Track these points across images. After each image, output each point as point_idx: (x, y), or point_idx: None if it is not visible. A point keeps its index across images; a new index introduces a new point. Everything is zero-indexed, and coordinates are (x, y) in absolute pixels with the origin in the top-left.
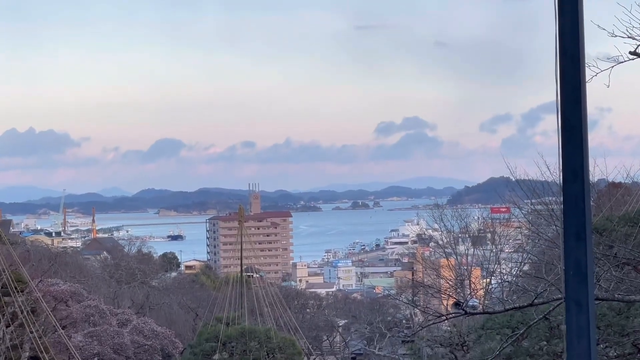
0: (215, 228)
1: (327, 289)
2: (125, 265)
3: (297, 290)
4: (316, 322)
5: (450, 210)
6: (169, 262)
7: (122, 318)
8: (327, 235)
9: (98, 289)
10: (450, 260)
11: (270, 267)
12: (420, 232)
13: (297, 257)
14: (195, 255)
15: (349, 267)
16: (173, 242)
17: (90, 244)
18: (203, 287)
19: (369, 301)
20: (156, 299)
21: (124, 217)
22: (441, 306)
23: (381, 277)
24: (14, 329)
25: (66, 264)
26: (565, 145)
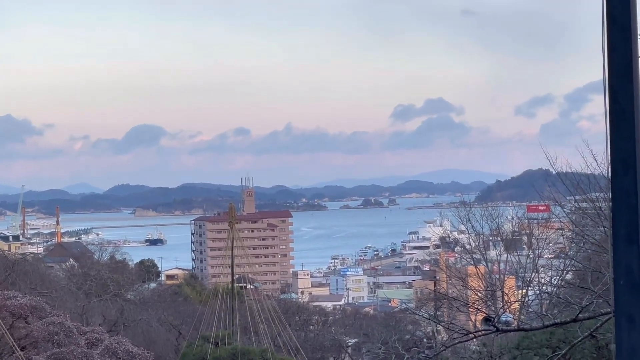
0: (201, 231)
1: (334, 302)
2: (95, 275)
3: (299, 304)
4: (321, 341)
5: (479, 208)
6: (147, 271)
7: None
8: (333, 238)
9: (63, 303)
10: (479, 268)
11: (267, 277)
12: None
13: (298, 264)
14: (177, 262)
15: (360, 277)
16: (152, 247)
17: (54, 249)
18: (187, 301)
19: (383, 316)
20: (132, 315)
21: (94, 217)
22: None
23: (398, 288)
24: None
25: (25, 273)
26: (615, 132)
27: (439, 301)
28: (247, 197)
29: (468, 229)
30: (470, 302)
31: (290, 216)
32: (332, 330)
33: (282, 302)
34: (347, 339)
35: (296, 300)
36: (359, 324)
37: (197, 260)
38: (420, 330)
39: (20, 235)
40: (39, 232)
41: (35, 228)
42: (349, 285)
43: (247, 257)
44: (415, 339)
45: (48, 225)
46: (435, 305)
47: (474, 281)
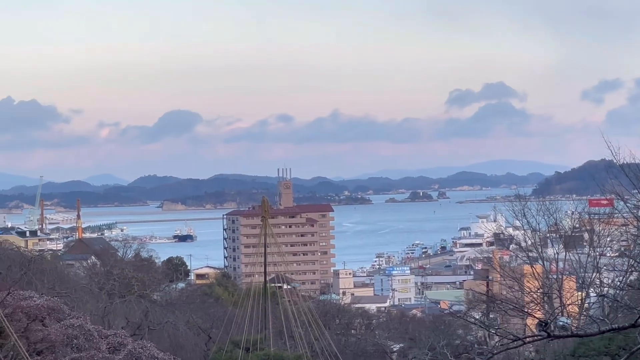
0: (234, 226)
1: (378, 303)
2: (118, 274)
3: (340, 306)
4: (363, 346)
5: (536, 202)
6: (175, 270)
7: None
8: (378, 234)
9: (84, 304)
10: (535, 267)
11: (305, 276)
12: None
13: (339, 263)
14: (208, 260)
15: (407, 276)
16: (180, 244)
17: (75, 246)
18: (218, 302)
19: (431, 319)
20: (158, 317)
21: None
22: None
23: (447, 289)
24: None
25: (43, 271)
26: None
27: (491, 303)
28: (284, 189)
29: (524, 225)
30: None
31: (331, 210)
32: (375, 335)
33: (321, 303)
34: (392, 344)
35: (337, 301)
36: (404, 328)
37: (229, 258)
38: (471, 334)
39: (38, 230)
40: (59, 227)
41: (54, 222)
42: (395, 286)
43: (283, 254)
44: (465, 344)
45: (68, 219)
46: (487, 308)
47: (529, 281)
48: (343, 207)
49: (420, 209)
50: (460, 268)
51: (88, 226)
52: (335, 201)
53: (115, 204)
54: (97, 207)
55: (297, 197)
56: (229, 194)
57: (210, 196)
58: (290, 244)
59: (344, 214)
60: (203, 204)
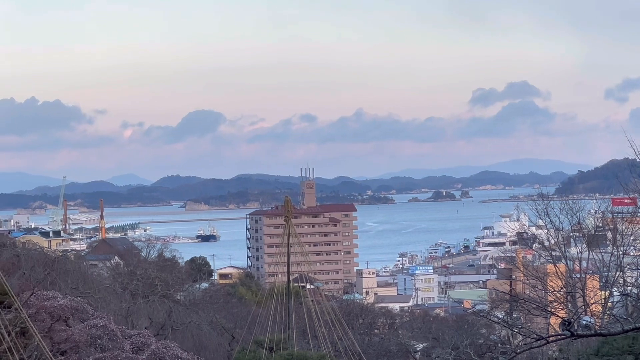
0: (257, 226)
1: (401, 303)
2: (142, 274)
3: (363, 305)
4: (387, 346)
5: (559, 201)
6: (199, 270)
7: (137, 341)
8: (401, 234)
9: (107, 304)
10: (559, 266)
11: (328, 276)
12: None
13: (362, 262)
14: (231, 260)
15: (430, 276)
16: (204, 243)
17: (98, 246)
18: (241, 302)
19: (454, 319)
20: (181, 317)
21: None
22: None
23: (471, 288)
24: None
25: (66, 271)
26: None
27: (515, 303)
28: (307, 189)
29: (547, 224)
30: (549, 303)
31: (354, 210)
32: (399, 334)
33: (344, 303)
34: (415, 343)
35: (360, 301)
36: (428, 328)
37: (252, 258)
38: (494, 334)
39: (62, 230)
40: (82, 227)
41: (77, 223)
42: (418, 285)
43: (306, 254)
44: (489, 343)
45: (91, 219)
46: (511, 307)
47: (553, 281)
48: (366, 206)
49: (443, 209)
50: (484, 267)
51: (111, 226)
52: (358, 201)
53: (138, 204)
54: (120, 207)
55: (320, 197)
56: (251, 193)
57: (233, 196)
58: (313, 244)
59: (367, 214)
60: (226, 204)
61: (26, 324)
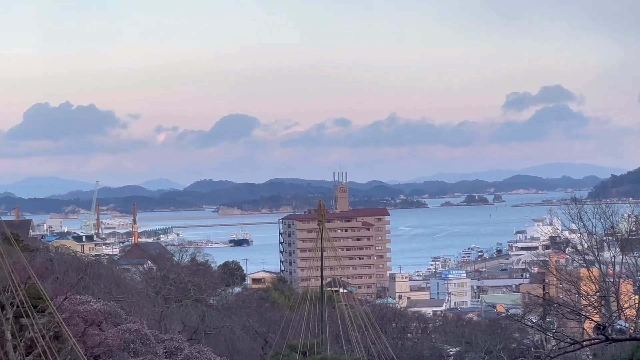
0: (290, 230)
1: (434, 307)
2: (175, 279)
3: (396, 310)
4: (420, 350)
5: (593, 205)
6: (231, 275)
7: (170, 345)
8: (434, 238)
9: (140, 309)
10: (592, 270)
11: (361, 280)
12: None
13: (395, 266)
14: (264, 265)
15: (463, 280)
16: (236, 248)
17: (131, 250)
18: (274, 306)
19: (487, 323)
20: (214, 322)
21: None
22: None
23: (504, 292)
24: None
25: (99, 276)
26: None
27: (548, 307)
28: (340, 193)
29: (580, 228)
30: (582, 308)
31: (387, 214)
32: (432, 339)
33: (377, 307)
34: (448, 347)
35: (393, 305)
36: (461, 332)
37: (285, 262)
38: (527, 338)
39: (95, 235)
40: (115, 231)
41: (110, 227)
42: (451, 290)
43: (339, 258)
44: (522, 347)
45: (124, 224)
46: (544, 312)
47: (586, 285)
48: (399, 210)
49: (476, 213)
50: (516, 271)
51: (144, 231)
52: (390, 205)
53: (171, 208)
54: (153, 211)
55: (353, 201)
56: (284, 198)
57: (266, 200)
58: (346, 248)
59: (400, 218)
60: (259, 208)
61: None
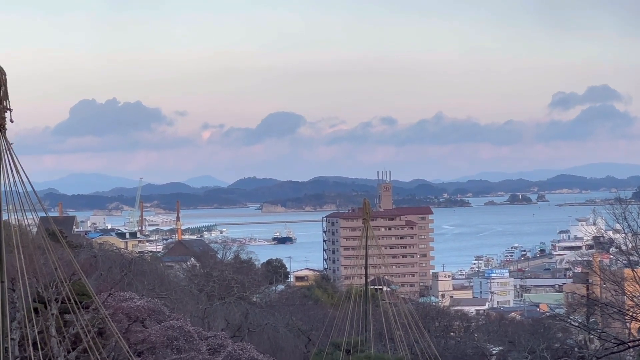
0: (334, 228)
1: (477, 306)
2: (218, 276)
3: (439, 308)
4: (463, 349)
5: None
6: (275, 272)
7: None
8: (477, 237)
9: (184, 306)
10: (636, 270)
11: (404, 279)
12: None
13: (439, 265)
14: (308, 263)
15: (506, 279)
16: (280, 246)
17: (174, 247)
18: (318, 304)
19: (530, 323)
20: (257, 319)
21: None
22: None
23: (547, 292)
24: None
25: (143, 273)
26: None
27: (591, 307)
28: (383, 191)
29: (624, 228)
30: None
31: (430, 213)
32: (474, 337)
33: (420, 306)
34: (491, 347)
35: (436, 304)
36: (504, 331)
37: (329, 260)
38: (571, 338)
39: (138, 232)
40: (158, 228)
41: (154, 224)
42: (494, 289)
43: (383, 257)
44: (565, 347)
45: (168, 221)
46: (588, 312)
47: (630, 285)
48: (442, 209)
49: (519, 212)
50: (560, 271)
51: (187, 228)
52: (434, 204)
53: (214, 205)
54: (196, 209)
55: (397, 200)
56: (328, 196)
57: (309, 198)
58: (390, 246)
59: (443, 217)
60: (302, 206)
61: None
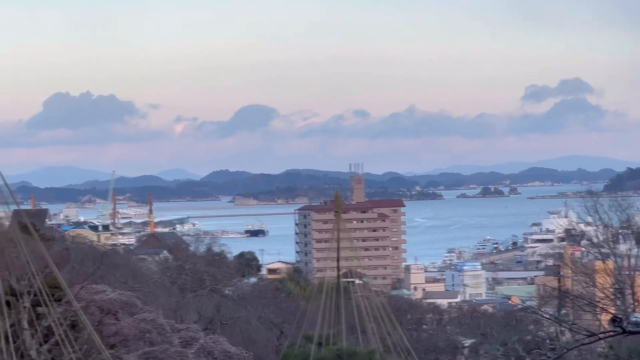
0: (306, 221)
1: (449, 299)
2: (190, 269)
3: (411, 301)
4: (435, 341)
5: (608, 198)
6: (247, 265)
7: (186, 335)
8: (449, 230)
9: (156, 299)
10: (607, 263)
11: (376, 271)
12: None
13: (411, 258)
14: (280, 255)
15: (478, 272)
16: (252, 238)
17: (147, 240)
18: (290, 297)
19: (502, 315)
20: (230, 312)
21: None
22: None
23: (519, 285)
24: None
25: (115, 265)
26: None
27: (563, 299)
28: (356, 184)
29: (595, 221)
30: (598, 300)
31: (402, 205)
32: (447, 330)
33: (393, 298)
34: (463, 339)
35: (408, 296)
36: (476, 324)
37: (301, 253)
38: (542, 330)
39: (111, 225)
40: (131, 221)
41: (126, 217)
42: (466, 281)
43: (355, 249)
44: (537, 340)
45: (140, 214)
46: (559, 304)
47: (601, 277)
48: (414, 202)
49: (492, 205)
50: (532, 264)
51: (160, 221)
52: (406, 196)
53: (187, 198)
54: (169, 201)
55: (369, 193)
56: (300, 189)
57: (282, 191)
58: (362, 239)
59: (416, 209)
60: (275, 199)
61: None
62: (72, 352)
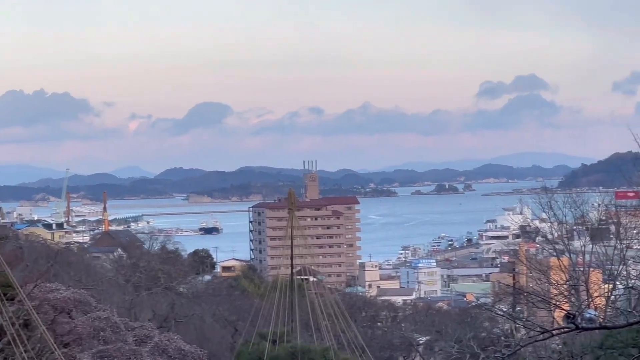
0: (260, 218)
1: (404, 296)
2: (145, 266)
3: (366, 298)
4: (390, 339)
5: (563, 195)
6: (201, 263)
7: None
8: (404, 227)
9: (110, 297)
10: (562, 259)
11: (331, 269)
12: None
13: (365, 255)
14: (234, 253)
15: (433, 269)
16: (206, 236)
17: (101, 238)
18: (244, 294)
19: (457, 312)
20: (184, 310)
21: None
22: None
23: (474, 282)
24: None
25: (69, 263)
26: None
27: (517, 296)
28: (310, 181)
29: (550, 217)
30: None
31: (357, 202)
32: (401, 327)
33: (347, 296)
34: (418, 336)
35: (363, 294)
36: (431, 321)
37: (255, 250)
38: (497, 327)
39: (65, 223)
40: (85, 219)
41: (80, 215)
42: (421, 278)
43: (309, 247)
44: (492, 336)
45: (94, 212)
46: (514, 301)
47: (556, 274)
48: (369, 199)
49: (446, 202)
50: (487, 261)
51: (114, 219)
52: (360, 194)
53: (141, 196)
54: (123, 199)
55: (323, 190)
56: (254, 186)
57: (236, 188)
58: (316, 237)
59: (370, 207)
60: (229, 196)
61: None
62: (25, 351)
